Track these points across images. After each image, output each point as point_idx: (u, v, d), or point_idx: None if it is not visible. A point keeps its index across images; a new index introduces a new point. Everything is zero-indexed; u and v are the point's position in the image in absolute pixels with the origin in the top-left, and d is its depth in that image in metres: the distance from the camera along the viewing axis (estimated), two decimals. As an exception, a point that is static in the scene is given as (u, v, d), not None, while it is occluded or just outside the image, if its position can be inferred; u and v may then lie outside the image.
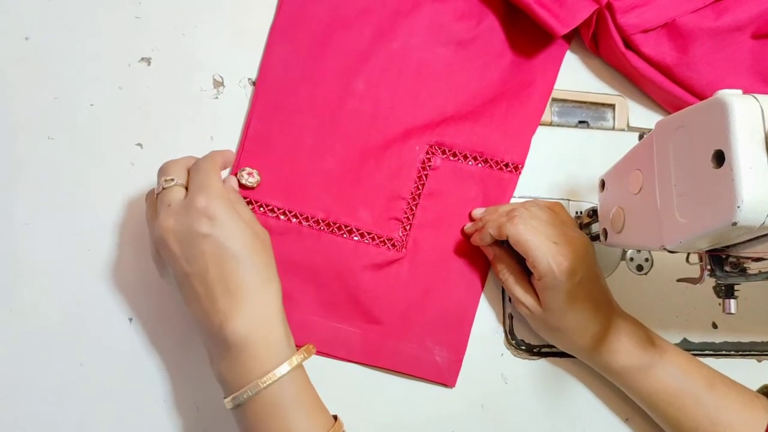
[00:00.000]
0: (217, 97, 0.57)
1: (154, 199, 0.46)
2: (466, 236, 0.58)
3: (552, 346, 0.57)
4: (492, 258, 0.56)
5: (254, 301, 0.43)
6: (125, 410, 0.51)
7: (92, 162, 0.54)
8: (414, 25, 0.60)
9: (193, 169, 0.46)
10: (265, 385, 0.42)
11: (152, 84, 0.56)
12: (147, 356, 0.52)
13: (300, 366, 0.44)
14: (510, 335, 0.58)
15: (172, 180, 0.45)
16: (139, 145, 0.55)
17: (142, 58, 0.56)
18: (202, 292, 0.43)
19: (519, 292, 0.54)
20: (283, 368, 0.42)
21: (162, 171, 0.46)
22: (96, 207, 0.53)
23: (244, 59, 0.57)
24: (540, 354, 0.58)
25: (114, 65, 0.56)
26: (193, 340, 0.53)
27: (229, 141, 0.56)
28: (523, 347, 0.57)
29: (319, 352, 0.54)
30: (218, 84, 0.57)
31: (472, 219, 0.58)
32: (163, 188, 0.45)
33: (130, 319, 0.52)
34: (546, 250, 0.50)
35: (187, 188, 0.46)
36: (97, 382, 0.51)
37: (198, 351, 0.53)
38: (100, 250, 0.53)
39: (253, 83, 0.57)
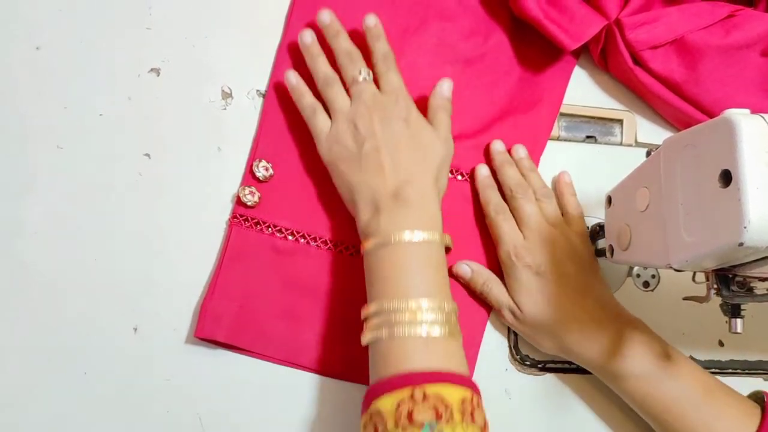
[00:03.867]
0: (225, 109, 0.57)
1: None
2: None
3: (557, 362, 0.57)
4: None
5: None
6: (129, 420, 0.51)
7: (101, 171, 0.54)
8: (421, 44, 0.60)
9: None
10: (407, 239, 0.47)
11: (161, 95, 0.56)
12: (151, 366, 0.52)
13: (440, 246, 0.50)
14: (514, 350, 0.57)
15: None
16: (147, 155, 0.55)
17: (152, 69, 0.57)
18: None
19: (496, 292, 0.55)
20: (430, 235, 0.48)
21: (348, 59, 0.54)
22: (103, 216, 0.54)
23: (254, 71, 0.58)
24: (545, 369, 0.57)
25: (124, 76, 0.56)
26: (198, 350, 0.53)
27: (237, 152, 0.56)
28: (528, 362, 0.57)
29: (328, 374, 0.54)
30: (227, 95, 0.57)
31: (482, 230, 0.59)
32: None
33: (135, 329, 0.53)
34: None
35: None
36: (101, 391, 0.51)
37: (202, 362, 0.53)
38: (106, 260, 0.53)
39: (262, 95, 0.57)
